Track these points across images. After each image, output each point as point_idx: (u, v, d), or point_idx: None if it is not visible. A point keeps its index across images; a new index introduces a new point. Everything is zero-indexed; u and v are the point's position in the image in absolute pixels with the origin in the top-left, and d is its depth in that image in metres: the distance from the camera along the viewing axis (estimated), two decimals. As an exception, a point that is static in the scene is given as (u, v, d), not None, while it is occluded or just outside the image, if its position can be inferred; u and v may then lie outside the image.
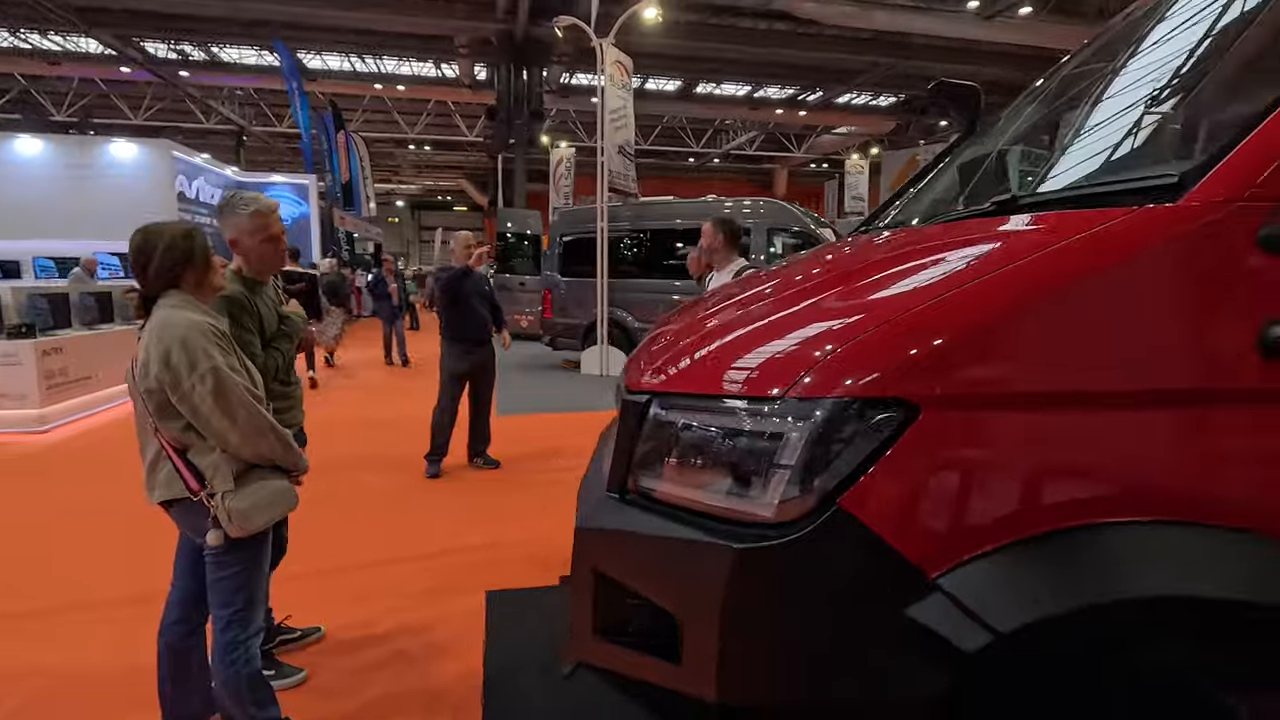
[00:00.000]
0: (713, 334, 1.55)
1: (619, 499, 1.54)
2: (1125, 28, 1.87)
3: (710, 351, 1.48)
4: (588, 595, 1.54)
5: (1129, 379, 1.11)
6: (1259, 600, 1.05)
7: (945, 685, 1.11)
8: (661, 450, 1.45)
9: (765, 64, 19.50)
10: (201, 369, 1.82)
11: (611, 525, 1.49)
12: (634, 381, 1.61)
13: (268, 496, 1.94)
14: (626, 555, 1.44)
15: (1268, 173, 1.07)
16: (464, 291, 4.88)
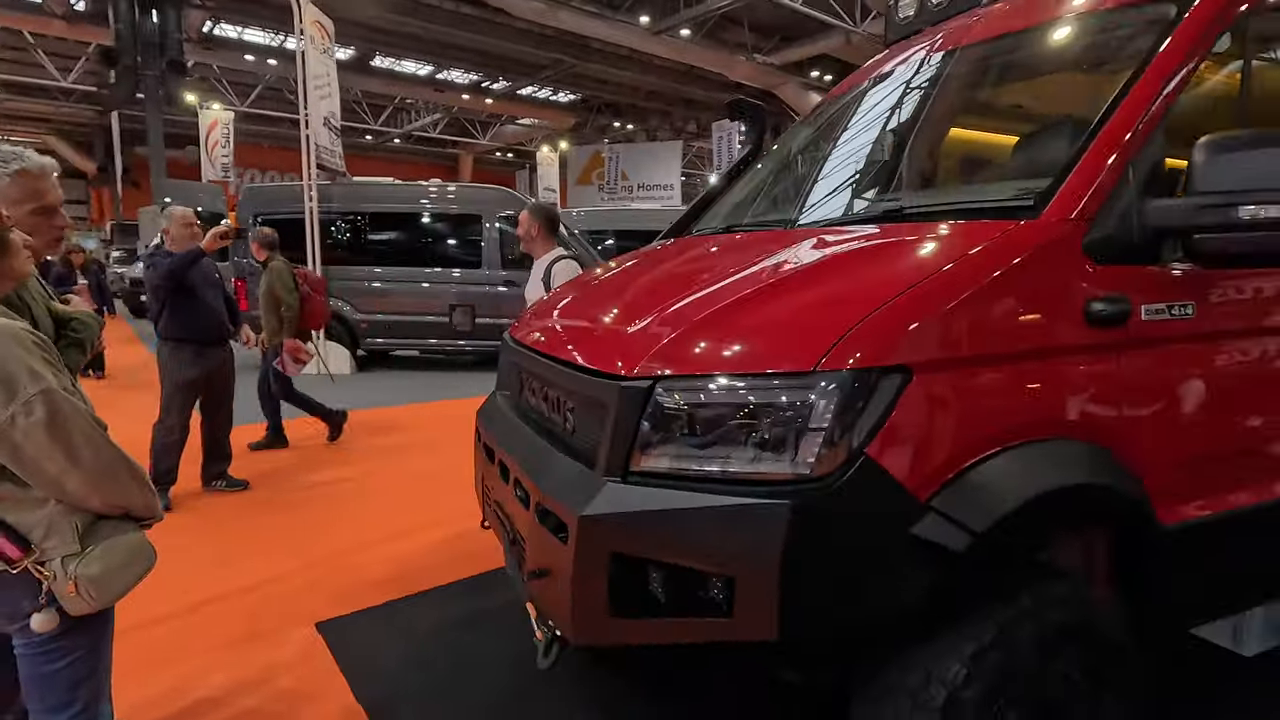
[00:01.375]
0: (698, 317, 1.70)
1: (622, 481, 1.61)
2: (965, 69, 2.46)
3: (709, 334, 1.64)
4: (600, 579, 1.58)
5: (1030, 340, 1.60)
6: (1093, 481, 1.63)
7: (944, 582, 1.47)
8: (679, 429, 1.57)
9: (450, 46, 19.06)
10: (25, 394, 1.33)
11: (635, 507, 1.56)
12: (618, 366, 1.68)
13: (122, 556, 1.50)
14: (661, 531, 1.53)
15: (1084, 200, 1.64)
16: (191, 281, 4.02)
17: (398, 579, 3.29)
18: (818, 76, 18.73)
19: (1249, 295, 1.84)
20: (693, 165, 28.65)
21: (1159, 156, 1.72)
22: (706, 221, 3.00)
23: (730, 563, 1.47)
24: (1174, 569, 1.82)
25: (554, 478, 1.80)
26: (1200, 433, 1.82)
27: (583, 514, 1.60)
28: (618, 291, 2.35)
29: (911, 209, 2.00)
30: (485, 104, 24.24)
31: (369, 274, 8.77)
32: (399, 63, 21.44)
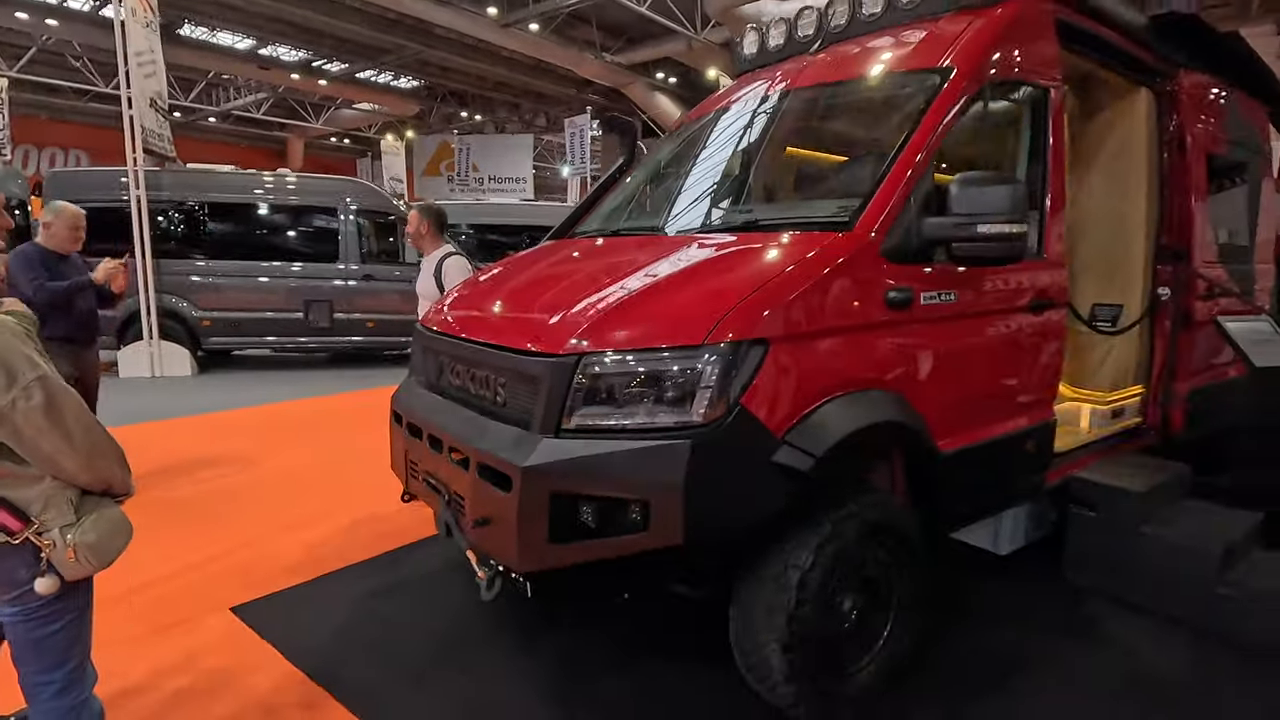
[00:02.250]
0: (610, 305, 2.15)
1: (555, 437, 2.03)
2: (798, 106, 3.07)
3: (622, 318, 2.10)
4: (542, 515, 2.00)
5: (849, 319, 2.21)
6: (892, 419, 2.29)
7: (796, 495, 2.04)
8: (601, 393, 2.02)
9: (275, 20, 17.72)
10: (24, 380, 1.50)
11: (570, 455, 1.98)
12: (549, 347, 2.09)
13: (110, 525, 1.69)
14: (592, 472, 1.97)
15: (881, 219, 2.29)
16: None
17: (306, 563, 3.43)
18: (663, 78, 19.64)
19: (988, 286, 2.62)
20: (542, 158, 28.74)
21: (929, 187, 2.41)
22: (589, 224, 3.44)
23: (646, 490, 1.94)
24: (948, 482, 2.55)
25: (493, 440, 2.18)
26: (961, 383, 2.56)
27: (525, 465, 2.01)
28: (530, 285, 2.74)
29: (762, 221, 2.58)
30: (318, 86, 22.73)
31: (210, 268, 8.22)
32: (213, 34, 19.53)
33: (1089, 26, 3.14)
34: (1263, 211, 4.42)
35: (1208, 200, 3.79)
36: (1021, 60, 2.75)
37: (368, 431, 5.84)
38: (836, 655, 2.25)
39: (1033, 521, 3.31)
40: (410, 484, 2.76)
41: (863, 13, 3.16)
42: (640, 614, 2.94)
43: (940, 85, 2.54)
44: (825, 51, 3.26)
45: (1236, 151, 4.09)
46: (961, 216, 2.28)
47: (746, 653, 2.20)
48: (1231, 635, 2.81)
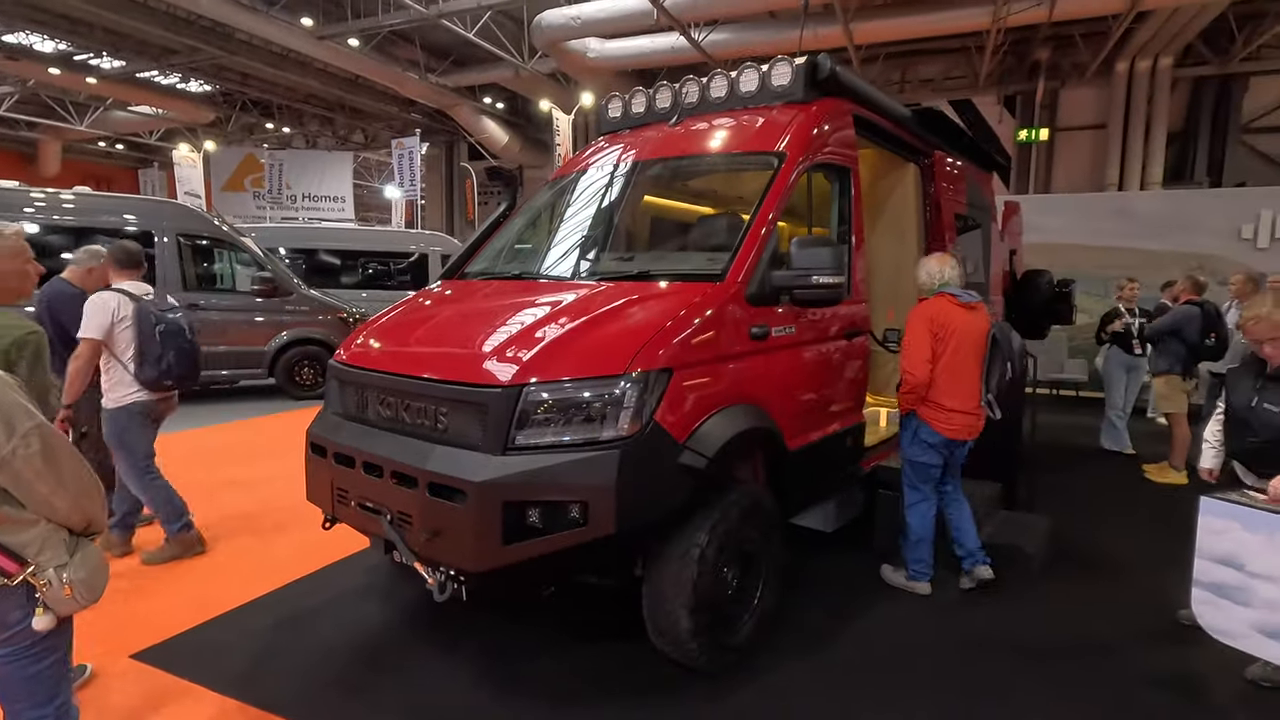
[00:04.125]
0: (545, 342, 2.57)
1: (503, 455, 2.42)
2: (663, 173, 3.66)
3: (556, 353, 2.53)
4: (495, 522, 2.38)
5: (726, 348, 2.82)
6: (757, 425, 2.93)
7: (695, 488, 2.60)
8: (542, 416, 2.44)
9: (26, 5, 15.42)
10: (23, 429, 1.62)
11: (519, 469, 2.38)
12: (493, 379, 2.48)
13: (94, 560, 1.82)
14: (540, 481, 2.38)
15: (744, 271, 2.95)
16: None
17: (200, 603, 3.37)
18: (490, 103, 19.84)
19: (818, 320, 3.40)
20: (358, 175, 27.40)
21: (775, 245, 3.13)
22: (483, 265, 3.80)
23: (585, 492, 2.40)
24: (795, 473, 3.27)
25: (442, 462, 2.50)
26: (802, 395, 3.31)
27: (480, 480, 2.37)
28: (454, 324, 3.07)
29: (653, 271, 3.15)
30: (86, 83, 19.94)
31: None
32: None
33: (874, 119, 4.12)
34: (993, 255, 5.86)
35: (958, 248, 5.01)
36: (832, 145, 3.60)
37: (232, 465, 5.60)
38: (727, 614, 2.84)
39: (850, 504, 4.19)
40: (337, 511, 2.93)
41: (711, 95, 3.88)
42: (555, 607, 3.35)
43: (779, 165, 3.29)
44: (682, 125, 3.94)
45: (973, 211, 5.42)
46: (800, 270, 3.00)
47: (658, 620, 2.71)
48: (987, 572, 3.83)
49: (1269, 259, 8.07)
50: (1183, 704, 2.76)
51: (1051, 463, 5.90)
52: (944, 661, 3.03)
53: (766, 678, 2.86)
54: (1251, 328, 2.82)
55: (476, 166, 20.94)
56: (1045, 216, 8.40)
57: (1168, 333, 5.51)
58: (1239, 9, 12.93)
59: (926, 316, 3.47)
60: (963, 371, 3.46)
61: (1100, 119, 15.61)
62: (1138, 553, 4.25)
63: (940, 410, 3.49)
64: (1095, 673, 2.97)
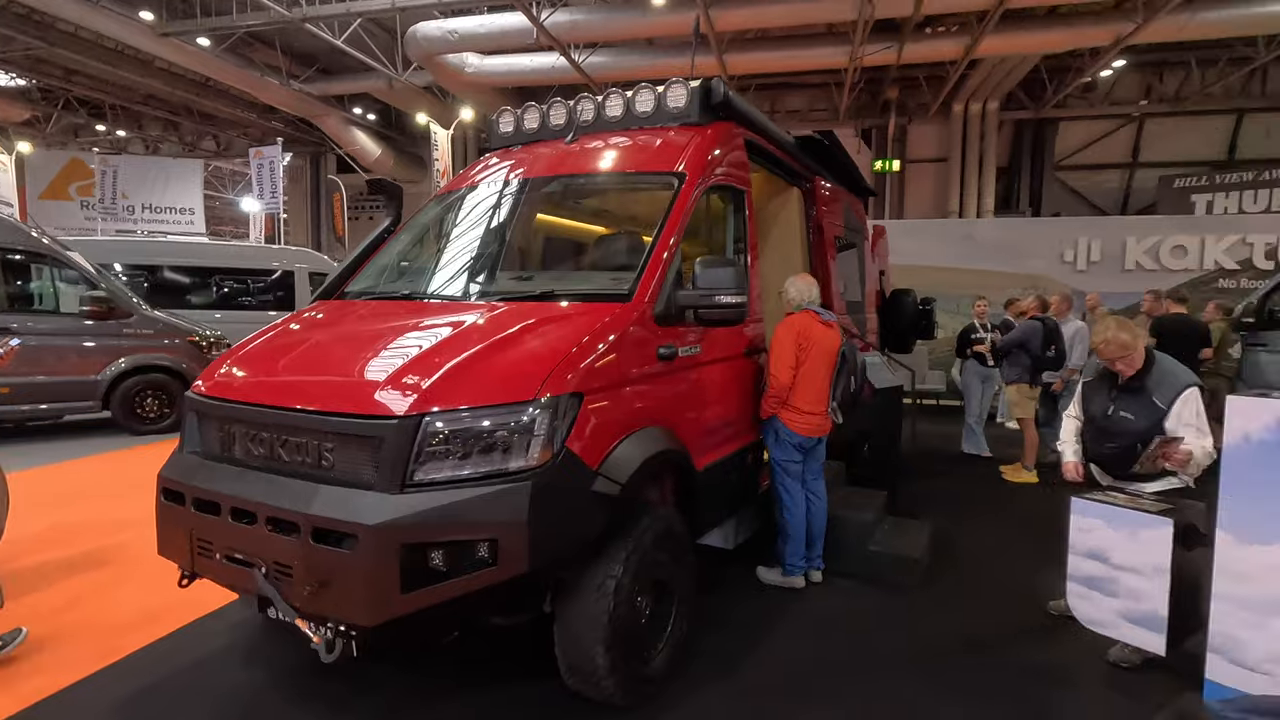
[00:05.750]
0: (444, 369, 2.37)
1: (400, 492, 2.21)
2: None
3: (458, 380, 2.34)
4: (393, 568, 2.15)
5: (636, 370, 2.75)
6: (667, 448, 2.88)
7: (608, 516, 2.50)
8: (445, 448, 2.25)
9: None
10: None
11: (420, 508, 2.17)
12: (387, 409, 2.25)
13: None
14: (443, 521, 2.17)
15: (650, 292, 2.91)
16: None
17: (15, 691, 2.81)
18: (361, 114, 18.87)
19: (724, 337, 3.42)
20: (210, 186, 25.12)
21: (679, 266, 3.12)
22: (366, 284, 3.51)
23: (494, 529, 2.23)
24: (703, 492, 3.24)
25: (328, 504, 2.24)
26: (707, 414, 3.30)
27: (375, 523, 2.14)
28: (338, 349, 2.78)
29: (556, 291, 3.03)
30: None
31: None
32: None
33: (763, 143, 4.26)
34: (867, 275, 6.24)
35: (837, 269, 5.28)
36: (727, 167, 3.66)
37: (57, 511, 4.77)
38: (642, 645, 2.74)
39: (749, 520, 4.24)
40: (198, 565, 2.55)
41: (606, 114, 3.85)
42: (456, 649, 3.10)
43: (679, 186, 3.29)
44: (578, 142, 3.86)
45: (849, 233, 5.75)
46: (704, 290, 3.00)
47: (572, 657, 2.57)
48: (879, 580, 4.00)
49: (1087, 279, 9.21)
50: (1056, 689, 2.98)
51: (922, 468, 6.32)
52: (846, 670, 3.10)
53: (682, 707, 2.79)
54: (1103, 349, 3.14)
55: (348, 180, 19.80)
56: (904, 240, 9.11)
57: (1016, 345, 6.10)
58: (1049, 62, 14.85)
59: (794, 329, 3.73)
60: (816, 379, 3.77)
61: (942, 153, 17.28)
62: (1004, 548, 4.61)
63: (797, 413, 3.75)
64: (979, 667, 3.15)
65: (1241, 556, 2.30)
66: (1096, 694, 2.95)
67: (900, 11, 11.17)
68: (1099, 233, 9.71)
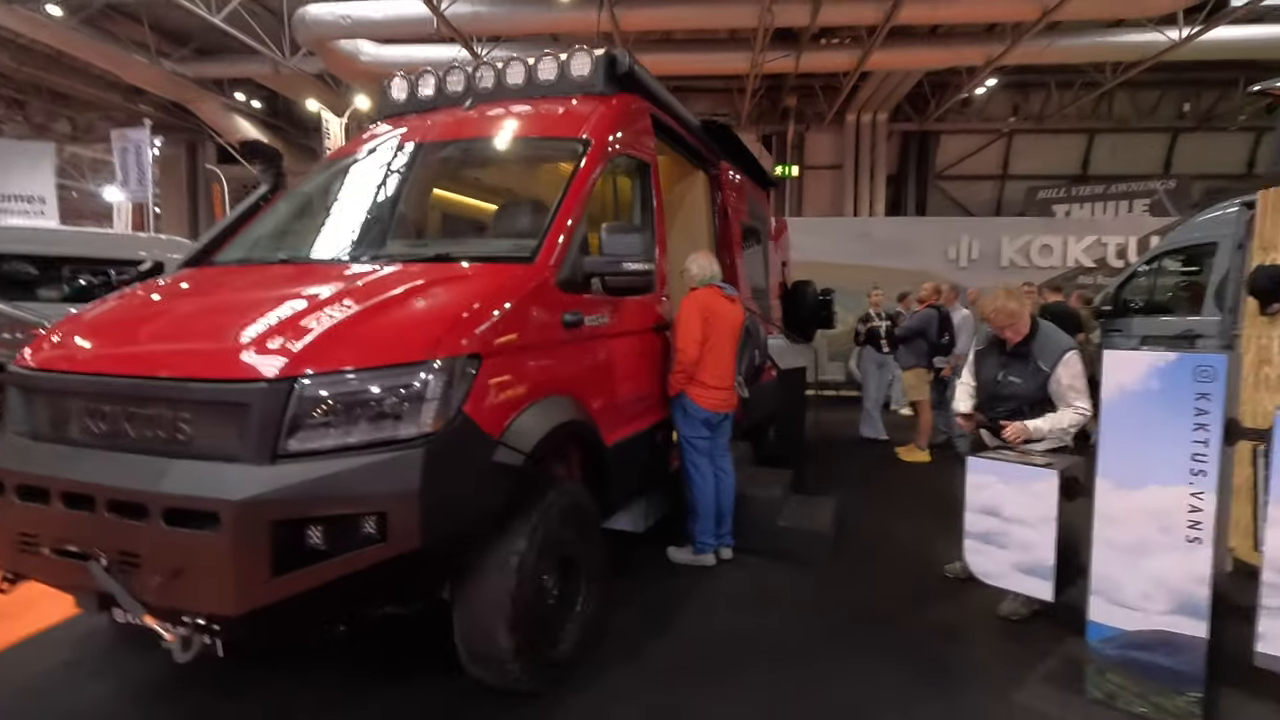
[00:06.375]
0: (322, 328, 2.14)
1: (271, 464, 1.96)
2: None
3: (338, 339, 2.12)
4: (263, 548, 1.91)
5: (539, 335, 2.60)
6: (574, 419, 2.75)
7: (512, 489, 2.34)
8: (323, 413, 2.02)
9: None
10: None
11: (294, 480, 1.93)
12: (255, 373, 2.01)
13: None
14: (323, 492, 1.95)
15: (554, 256, 2.77)
16: None
17: None
18: (244, 100, 17.60)
19: (633, 310, 3.32)
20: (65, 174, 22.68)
21: (585, 231, 3.00)
22: (239, 252, 3.18)
23: (382, 501, 2.02)
24: (613, 469, 3.13)
25: (184, 481, 1.96)
26: (617, 388, 3.20)
27: (241, 498, 1.89)
28: (203, 313, 2.47)
29: (453, 254, 2.83)
30: None
31: None
32: None
33: (669, 122, 4.22)
34: (770, 265, 6.35)
35: (743, 253, 5.32)
36: (632, 140, 3.58)
37: None
38: (549, 626, 2.59)
39: (659, 502, 4.17)
40: (19, 563, 2.18)
41: (507, 82, 3.68)
42: (352, 646, 2.83)
43: (583, 151, 3.18)
44: (476, 109, 3.68)
45: (754, 222, 5.83)
46: (611, 256, 2.90)
47: (474, 644, 2.39)
48: (788, 555, 4.02)
49: (968, 275, 9.84)
50: (953, 644, 3.09)
51: (825, 451, 6.50)
52: (758, 642, 3.07)
53: (591, 690, 2.66)
54: (993, 317, 3.30)
55: (230, 172, 18.37)
56: (804, 237, 9.42)
57: (916, 333, 6.39)
58: (931, 79, 15.88)
59: (698, 304, 3.70)
60: (722, 354, 3.76)
61: (838, 160, 18.10)
62: (902, 521, 4.77)
63: (704, 388, 3.72)
64: (883, 630, 3.22)
65: (1117, 501, 2.44)
66: (990, 645, 3.06)
67: (798, 21, 11.59)
68: (978, 233, 10.45)
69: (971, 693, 2.68)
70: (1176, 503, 2.32)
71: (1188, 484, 2.30)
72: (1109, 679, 2.50)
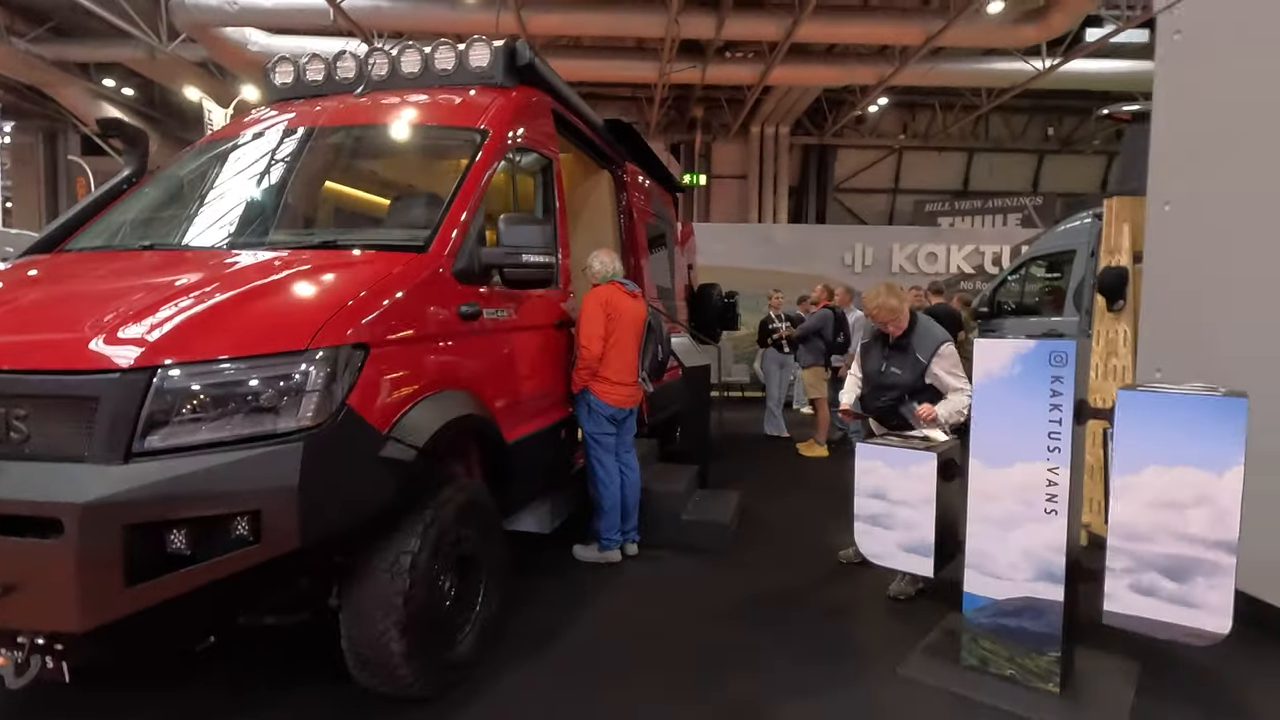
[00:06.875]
0: (188, 315, 1.98)
1: (124, 463, 1.80)
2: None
3: (207, 327, 1.97)
4: (114, 556, 1.74)
5: (433, 326, 2.51)
6: (471, 414, 2.67)
7: (403, 485, 2.24)
8: (187, 407, 1.87)
9: None
10: None
11: (152, 479, 1.77)
12: (106, 363, 1.83)
13: None
14: (186, 490, 1.79)
15: (449, 246, 2.69)
16: None
17: None
18: (114, 87, 16.17)
19: (531, 306, 3.27)
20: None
21: (482, 222, 2.93)
22: (97, 239, 2.91)
23: (255, 499, 1.88)
24: (514, 467, 3.06)
25: (19, 484, 1.76)
26: (518, 383, 3.14)
27: (87, 500, 1.71)
28: (47, 302, 2.22)
29: (340, 241, 2.70)
30: None
31: None
32: None
33: (572, 119, 4.20)
34: (676, 267, 6.44)
35: (649, 254, 5.38)
36: (533, 133, 3.54)
37: None
38: (445, 628, 2.50)
39: (565, 502, 4.13)
40: None
41: (403, 70, 3.56)
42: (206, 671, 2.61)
43: (481, 142, 3.11)
44: (369, 96, 3.54)
45: (659, 223, 5.90)
46: (509, 248, 2.85)
47: (362, 650, 2.27)
48: (693, 548, 4.08)
49: (863, 279, 10.38)
50: (846, 623, 3.25)
51: (729, 448, 6.66)
52: (661, 636, 3.09)
53: (490, 692, 2.59)
54: (875, 313, 3.50)
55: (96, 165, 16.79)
56: (711, 242, 9.67)
57: (813, 332, 6.67)
58: (828, 95, 16.69)
59: (601, 300, 3.70)
60: (625, 350, 3.78)
61: (743, 170, 18.67)
62: (802, 512, 4.95)
63: (607, 384, 3.73)
64: (782, 613, 3.32)
65: (987, 479, 2.62)
66: (879, 624, 3.22)
67: (703, 34, 11.88)
68: (872, 240, 11.10)
69: (861, 671, 2.80)
70: (1036, 478, 2.51)
71: (1045, 460, 2.50)
72: (982, 646, 2.68)
